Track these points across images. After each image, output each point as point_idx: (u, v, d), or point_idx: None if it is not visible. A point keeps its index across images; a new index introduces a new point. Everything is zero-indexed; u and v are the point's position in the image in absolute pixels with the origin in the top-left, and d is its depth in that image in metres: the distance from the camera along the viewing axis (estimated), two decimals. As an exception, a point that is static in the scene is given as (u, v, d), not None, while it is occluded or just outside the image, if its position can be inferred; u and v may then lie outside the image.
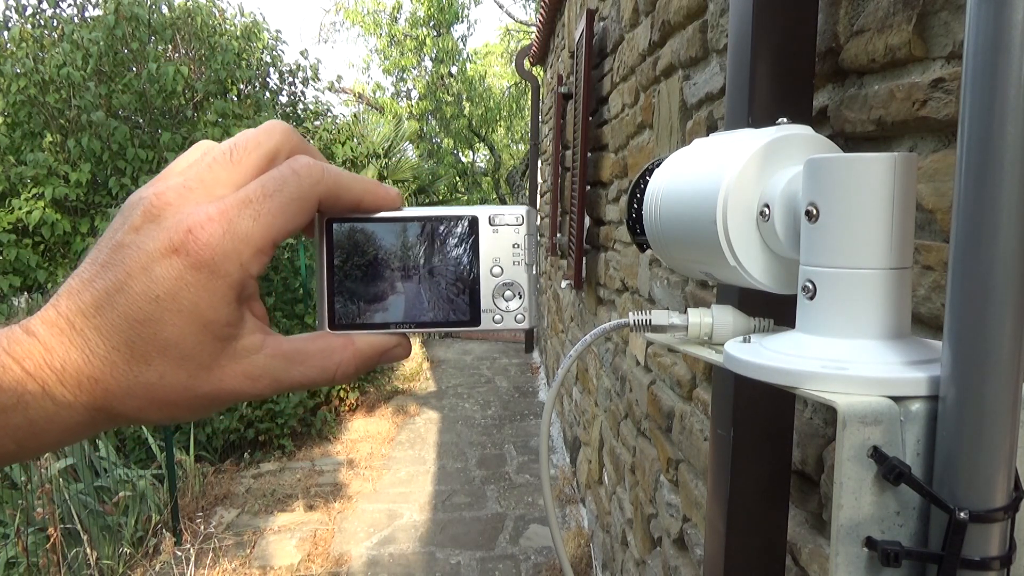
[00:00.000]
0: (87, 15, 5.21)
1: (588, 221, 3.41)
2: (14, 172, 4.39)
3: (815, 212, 0.40)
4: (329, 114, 6.73)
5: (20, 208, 4.31)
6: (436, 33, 14.13)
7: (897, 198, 0.38)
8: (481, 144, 15.48)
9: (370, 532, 3.68)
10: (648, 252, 0.81)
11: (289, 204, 0.32)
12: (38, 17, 5.08)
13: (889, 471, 0.33)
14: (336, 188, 0.34)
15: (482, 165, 16.12)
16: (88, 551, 2.93)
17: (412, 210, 0.38)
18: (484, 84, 14.70)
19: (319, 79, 6.12)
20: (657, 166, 0.59)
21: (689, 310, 0.51)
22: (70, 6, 5.22)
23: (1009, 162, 0.30)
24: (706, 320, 0.51)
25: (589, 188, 3.36)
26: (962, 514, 0.32)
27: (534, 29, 7.67)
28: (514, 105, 14.88)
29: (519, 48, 10.45)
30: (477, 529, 3.70)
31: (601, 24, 3.10)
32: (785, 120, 0.49)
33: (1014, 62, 0.30)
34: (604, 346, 3.02)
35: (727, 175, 0.46)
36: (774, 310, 0.52)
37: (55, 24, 5.04)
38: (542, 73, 7.36)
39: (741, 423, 0.93)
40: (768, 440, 0.95)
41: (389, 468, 4.54)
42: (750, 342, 0.45)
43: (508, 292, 0.38)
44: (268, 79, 5.92)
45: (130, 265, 0.31)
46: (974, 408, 0.32)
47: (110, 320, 0.30)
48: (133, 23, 4.74)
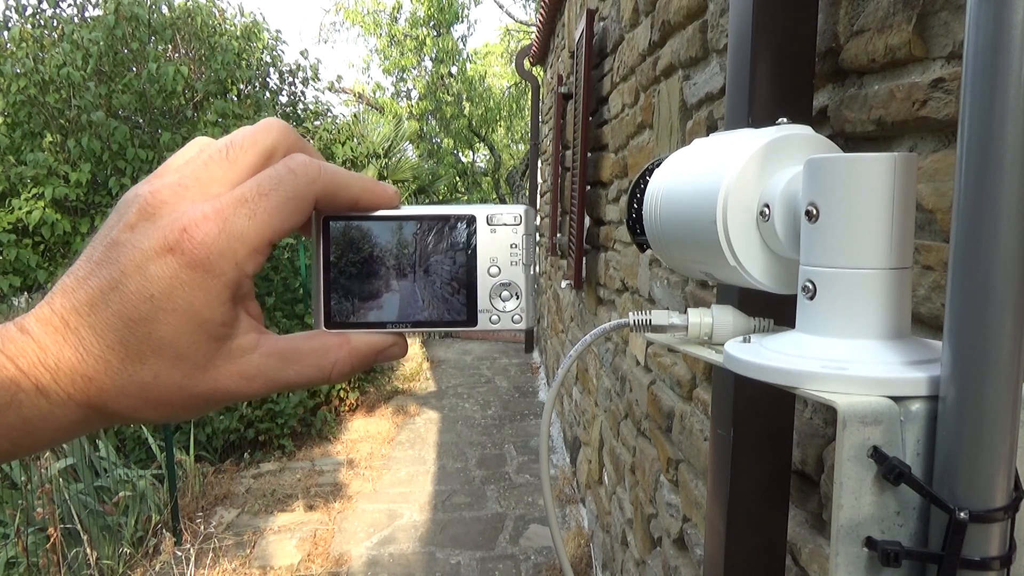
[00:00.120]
0: (87, 15, 5.21)
1: (588, 221, 3.41)
2: (14, 172, 4.39)
3: (815, 212, 0.40)
4: (329, 114, 6.73)
5: (20, 208, 4.31)
6: (436, 33, 14.13)
7: (897, 198, 0.38)
8: (481, 144, 15.48)
9: (370, 532, 3.68)
10: (648, 252, 0.81)
11: (285, 203, 0.32)
12: (38, 17, 5.08)
13: (889, 471, 0.33)
14: (333, 186, 0.34)
15: (482, 165, 16.13)
16: (88, 551, 2.93)
17: (409, 209, 0.37)
18: (484, 84, 14.70)
19: (319, 79, 6.12)
20: (657, 166, 0.59)
21: (689, 310, 0.51)
22: (70, 6, 5.23)
23: (1009, 162, 0.30)
24: (706, 320, 0.51)
25: (589, 188, 3.36)
26: (962, 514, 0.32)
27: (534, 29, 7.67)
28: (514, 105, 14.88)
29: (519, 48, 10.44)
30: (477, 529, 3.70)
31: (601, 24, 3.10)
32: (785, 120, 0.49)
33: (1014, 62, 0.30)
34: (604, 346, 3.02)
35: (727, 175, 0.46)
36: (774, 310, 0.52)
37: (55, 24, 5.04)
38: (542, 73, 7.36)
39: (741, 423, 0.93)
40: (768, 440, 0.95)
41: (389, 468, 4.54)
42: (750, 342, 0.45)
43: (505, 292, 0.38)
44: (268, 79, 5.92)
45: (125, 263, 0.30)
46: (974, 408, 0.32)
47: (104, 319, 0.30)
48: (133, 23, 4.74)
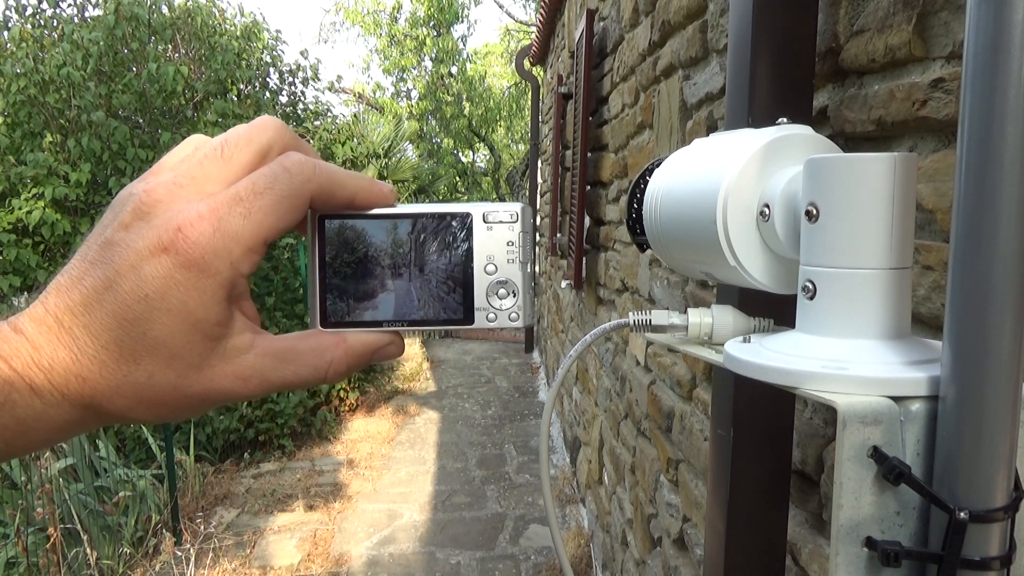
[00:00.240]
0: (87, 15, 5.21)
1: (588, 221, 3.41)
2: (14, 172, 4.39)
3: (815, 212, 0.40)
4: (329, 114, 6.72)
5: (20, 208, 4.31)
6: (436, 33, 14.13)
7: (897, 198, 0.38)
8: (481, 144, 15.48)
9: (370, 532, 3.68)
10: (648, 252, 0.81)
11: (280, 202, 0.32)
12: (38, 17, 5.07)
13: (889, 471, 0.33)
14: (329, 185, 0.34)
15: (482, 165, 16.13)
16: (88, 551, 2.93)
17: (406, 207, 0.37)
18: (484, 84, 14.70)
19: (319, 79, 6.12)
20: (657, 166, 0.59)
21: (689, 310, 0.51)
22: (70, 6, 5.23)
23: (1009, 162, 0.30)
24: (706, 320, 0.51)
25: (589, 188, 3.36)
26: (962, 514, 0.32)
27: (534, 29, 7.67)
28: (514, 105, 14.88)
29: (519, 48, 10.44)
30: (477, 529, 3.70)
31: (601, 24, 3.10)
32: (785, 120, 0.49)
33: (1014, 62, 0.30)
34: (604, 346, 3.02)
35: (727, 175, 0.46)
36: (774, 310, 0.52)
37: (55, 24, 5.03)
38: (542, 73, 7.36)
39: (741, 423, 0.93)
40: (768, 440, 0.95)
41: (389, 468, 4.54)
42: (750, 342, 0.45)
43: (502, 290, 0.38)
44: (268, 79, 5.92)
45: (119, 263, 0.30)
46: (974, 408, 0.32)
47: (99, 319, 0.30)
48: (133, 23, 4.74)
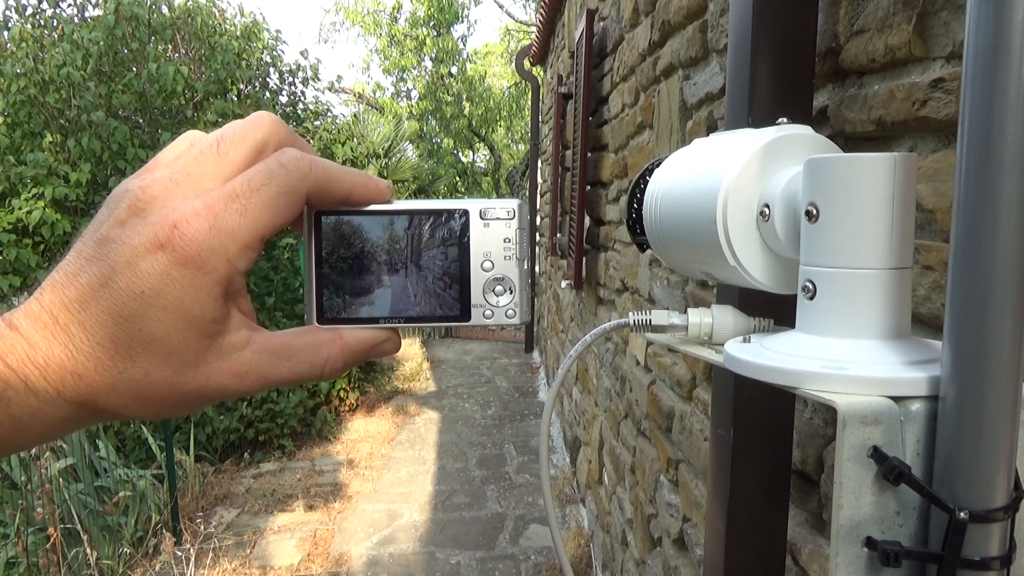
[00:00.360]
0: (87, 15, 5.21)
1: (588, 221, 3.41)
2: (14, 172, 4.39)
3: (815, 212, 0.40)
4: (329, 114, 6.72)
5: (20, 208, 4.30)
6: (436, 33, 14.13)
7: (897, 198, 0.38)
8: (481, 144, 15.48)
9: (370, 532, 3.68)
10: (648, 252, 0.81)
11: (277, 198, 0.32)
12: (38, 17, 5.07)
13: (889, 471, 0.33)
14: (325, 181, 0.34)
15: (482, 165, 16.13)
16: (88, 551, 2.93)
17: (402, 203, 0.37)
18: (484, 84, 14.70)
19: (319, 79, 6.11)
20: (657, 166, 0.59)
21: (689, 310, 0.51)
22: (70, 6, 5.22)
23: (1009, 162, 0.30)
24: (706, 320, 0.51)
25: (589, 188, 3.36)
26: (962, 514, 0.32)
27: (534, 29, 7.67)
28: (514, 105, 14.88)
29: (519, 48, 10.44)
30: (477, 529, 3.70)
31: (601, 24, 3.10)
32: (785, 120, 0.49)
33: (1014, 62, 0.30)
34: (604, 346, 3.02)
35: (727, 175, 0.46)
36: (774, 310, 0.52)
37: (55, 24, 5.03)
38: (542, 73, 7.36)
39: (741, 423, 0.93)
40: (768, 440, 0.95)
41: (389, 468, 4.54)
42: (750, 342, 0.45)
43: (499, 287, 0.38)
44: (268, 79, 5.92)
45: (115, 260, 0.30)
46: (974, 408, 0.32)
47: (94, 315, 0.30)
48: (133, 23, 4.74)
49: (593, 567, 3.16)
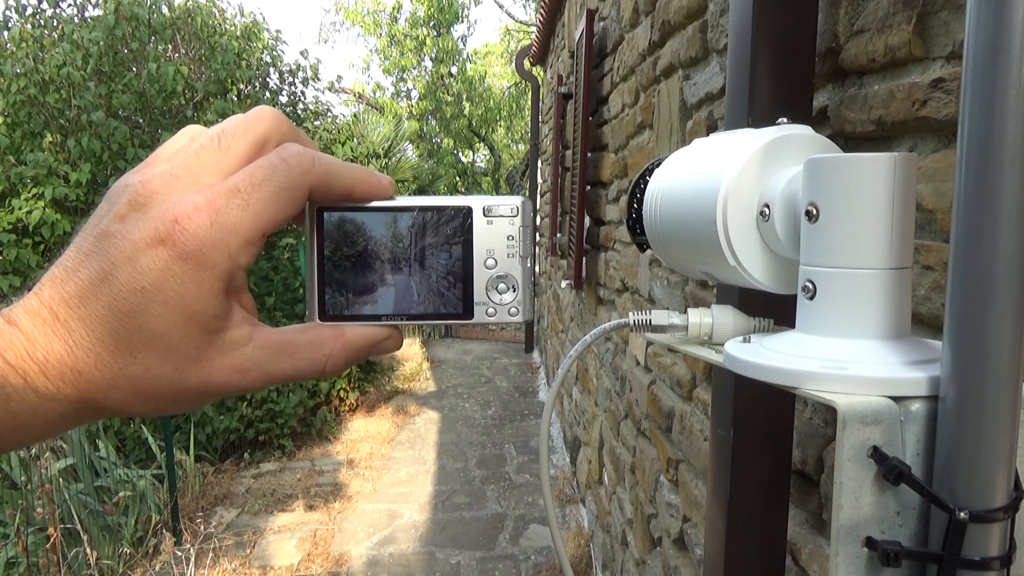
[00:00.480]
0: (87, 15, 5.21)
1: (588, 221, 3.41)
2: (14, 172, 4.39)
3: (815, 212, 0.40)
4: (329, 114, 6.72)
5: (20, 208, 4.30)
6: (436, 33, 14.13)
7: (897, 198, 0.38)
8: (481, 144, 15.48)
9: (370, 532, 3.68)
10: (648, 252, 0.81)
11: (279, 193, 0.32)
12: (38, 17, 5.07)
13: (889, 471, 0.33)
14: (327, 177, 0.34)
15: (482, 165, 16.13)
16: (88, 551, 2.93)
17: (405, 199, 0.37)
18: (484, 84, 14.70)
19: (319, 79, 6.11)
20: (657, 166, 0.59)
21: (689, 310, 0.51)
22: (70, 6, 5.22)
23: (1009, 162, 0.30)
24: (706, 320, 0.51)
25: (589, 188, 3.36)
26: (962, 514, 0.32)
27: (534, 29, 7.67)
28: (514, 105, 14.89)
29: (519, 48, 10.45)
30: (477, 529, 3.70)
31: (601, 24, 3.10)
32: (785, 120, 0.49)
33: (1014, 62, 0.30)
34: (604, 346, 3.02)
35: (727, 175, 0.46)
36: (774, 310, 0.52)
37: (55, 24, 5.03)
38: (542, 73, 7.36)
39: (741, 423, 0.93)
40: (768, 440, 0.95)
41: (389, 468, 4.54)
42: (750, 342, 0.45)
43: (502, 285, 0.37)
44: (268, 79, 5.91)
45: (115, 255, 0.30)
46: (974, 408, 0.32)
47: (94, 311, 0.30)
48: (133, 23, 4.74)
49: (593, 567, 3.16)
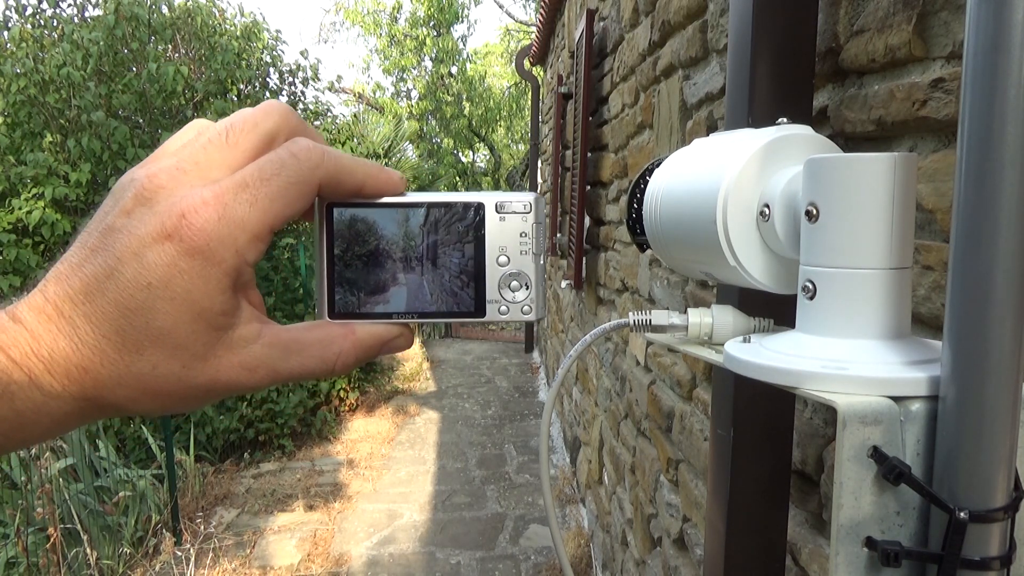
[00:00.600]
0: (87, 15, 5.21)
1: (588, 221, 3.41)
2: (14, 172, 4.39)
3: (815, 212, 0.40)
4: (329, 114, 6.71)
5: (20, 208, 4.30)
6: (436, 33, 14.13)
7: (897, 198, 0.38)
8: (481, 144, 15.48)
9: (370, 532, 3.68)
10: (648, 252, 0.81)
11: (287, 189, 0.31)
12: (38, 17, 5.07)
13: (889, 471, 0.33)
14: (337, 172, 0.33)
15: (482, 165, 16.12)
16: (88, 551, 2.93)
17: (416, 195, 0.36)
18: (484, 84, 14.70)
19: (319, 79, 6.11)
20: (657, 166, 0.59)
21: (689, 310, 0.51)
22: (70, 6, 5.22)
23: (1009, 162, 0.30)
24: (706, 320, 0.51)
25: (589, 188, 3.36)
26: (962, 514, 0.32)
27: (534, 29, 7.67)
28: (514, 105, 14.88)
29: (519, 48, 10.45)
30: (477, 529, 3.70)
31: (601, 24, 3.10)
32: (785, 120, 0.49)
33: (1014, 62, 0.30)
34: (604, 346, 3.02)
35: (727, 175, 0.46)
36: (774, 310, 0.52)
37: (55, 24, 5.03)
38: (542, 73, 7.36)
39: (741, 423, 0.93)
40: (768, 440, 0.95)
41: (389, 468, 4.54)
42: (750, 342, 0.45)
43: (515, 282, 0.37)
44: (268, 79, 5.91)
45: (121, 250, 0.29)
46: (974, 408, 0.32)
47: (100, 307, 0.29)
48: (133, 23, 4.74)
49: (593, 567, 3.16)
